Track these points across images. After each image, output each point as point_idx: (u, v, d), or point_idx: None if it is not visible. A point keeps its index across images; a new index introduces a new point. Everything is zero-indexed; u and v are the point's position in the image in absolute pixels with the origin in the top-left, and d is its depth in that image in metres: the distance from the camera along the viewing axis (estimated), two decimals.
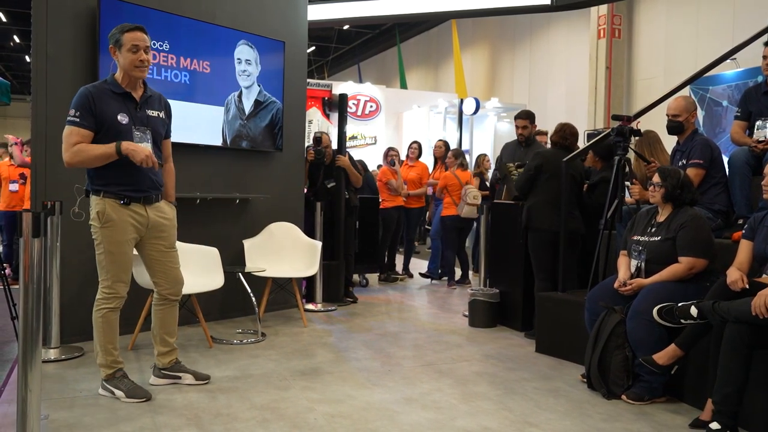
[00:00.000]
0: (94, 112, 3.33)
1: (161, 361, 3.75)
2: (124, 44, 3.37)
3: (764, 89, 4.57)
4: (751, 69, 9.02)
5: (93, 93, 3.36)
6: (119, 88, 3.44)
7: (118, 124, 3.38)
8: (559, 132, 5.17)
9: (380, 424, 3.21)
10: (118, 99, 3.42)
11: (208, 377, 3.81)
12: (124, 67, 3.42)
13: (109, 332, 3.49)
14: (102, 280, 3.47)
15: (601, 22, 12.77)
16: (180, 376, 3.75)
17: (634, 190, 4.42)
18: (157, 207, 3.57)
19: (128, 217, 3.43)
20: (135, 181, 3.44)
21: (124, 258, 3.46)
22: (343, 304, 6.37)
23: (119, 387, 3.47)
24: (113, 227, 3.39)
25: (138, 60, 3.38)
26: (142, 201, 3.48)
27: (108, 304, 3.46)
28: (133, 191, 3.44)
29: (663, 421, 3.34)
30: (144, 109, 3.51)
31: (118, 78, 3.46)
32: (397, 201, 7.95)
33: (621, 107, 12.53)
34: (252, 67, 5.53)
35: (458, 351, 4.69)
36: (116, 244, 3.41)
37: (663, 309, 3.44)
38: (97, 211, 3.39)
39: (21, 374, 2.41)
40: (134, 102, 3.48)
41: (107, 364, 3.50)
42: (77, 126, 3.32)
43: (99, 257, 3.44)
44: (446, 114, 14.14)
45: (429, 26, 20.26)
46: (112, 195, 3.39)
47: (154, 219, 3.54)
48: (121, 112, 3.40)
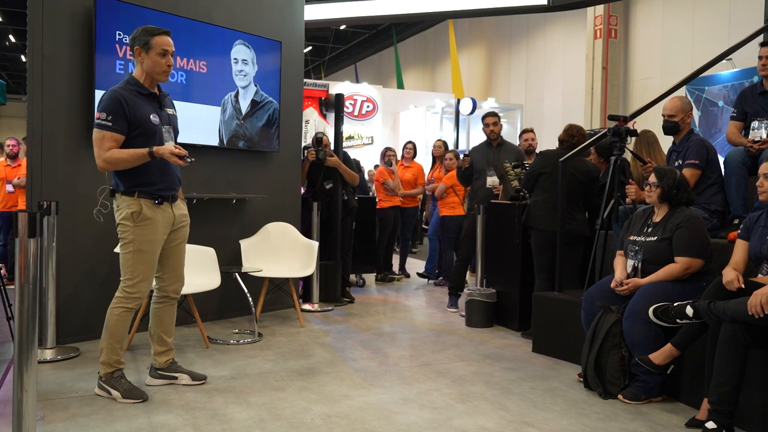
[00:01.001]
0: (128, 116, 3.34)
1: (158, 361, 3.74)
2: (153, 47, 3.41)
3: (760, 90, 4.59)
4: (747, 69, 9.05)
5: (124, 96, 3.36)
6: (145, 89, 3.46)
7: (151, 124, 3.42)
8: (567, 131, 5.19)
9: (377, 424, 3.21)
10: (146, 100, 3.46)
11: (204, 377, 3.80)
12: (149, 70, 3.44)
13: (120, 331, 3.49)
14: (125, 279, 3.46)
15: (598, 22, 12.78)
16: (176, 377, 3.74)
17: (630, 190, 4.43)
18: (177, 204, 3.64)
19: (160, 216, 3.47)
20: (166, 179, 3.50)
21: (152, 257, 3.49)
22: (340, 304, 6.37)
23: (116, 387, 3.47)
24: (148, 226, 3.42)
25: (166, 65, 3.44)
26: (170, 200, 3.55)
27: (127, 304, 3.46)
28: (165, 190, 3.50)
29: (659, 421, 3.35)
30: (164, 108, 3.58)
31: (139, 78, 3.46)
32: (394, 201, 7.96)
33: (617, 107, 12.55)
34: (249, 67, 5.53)
35: (455, 351, 4.69)
36: (148, 243, 3.44)
37: (659, 309, 3.44)
38: (131, 212, 3.39)
39: (17, 375, 2.41)
40: (158, 101, 3.54)
41: (110, 363, 3.48)
42: (110, 131, 3.32)
43: (125, 256, 3.44)
44: (443, 114, 14.15)
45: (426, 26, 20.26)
46: (147, 195, 3.42)
47: (177, 216, 3.61)
48: (152, 113, 3.45)
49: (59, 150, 4.53)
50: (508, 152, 6.16)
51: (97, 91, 4.58)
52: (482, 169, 6.08)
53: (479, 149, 6.31)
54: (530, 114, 14.72)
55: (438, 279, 8.00)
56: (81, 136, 4.61)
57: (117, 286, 4.65)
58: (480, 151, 6.24)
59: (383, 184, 7.94)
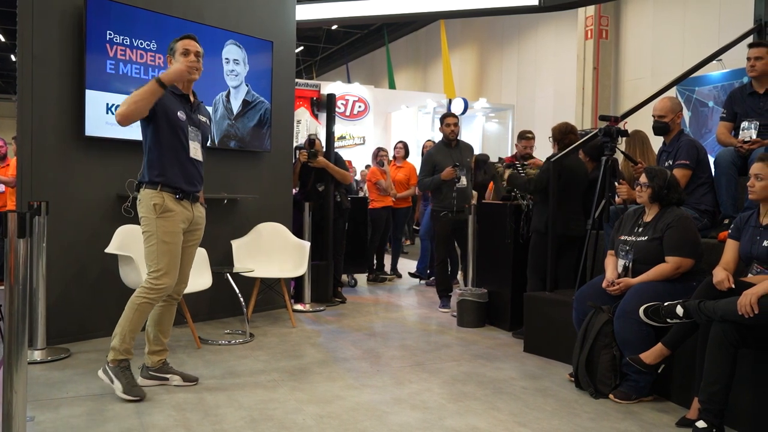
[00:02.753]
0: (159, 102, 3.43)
1: (151, 360, 3.73)
2: (177, 50, 3.55)
3: (749, 90, 4.61)
4: (737, 70, 9.10)
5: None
6: (178, 90, 3.60)
7: (177, 119, 3.53)
8: (561, 130, 5.18)
9: (369, 424, 3.21)
10: (178, 99, 3.59)
11: (196, 379, 3.79)
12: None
13: (138, 322, 3.51)
14: (151, 271, 3.50)
15: (589, 23, 12.84)
16: (168, 378, 3.73)
17: (622, 189, 4.44)
18: (197, 206, 3.71)
19: (180, 211, 3.55)
20: (188, 175, 3.58)
21: (175, 249, 3.54)
22: (332, 304, 6.36)
23: (119, 377, 3.47)
24: (170, 218, 3.49)
25: (188, 62, 3.51)
26: (191, 198, 3.62)
27: (149, 295, 3.49)
28: (186, 185, 3.57)
29: (650, 420, 3.36)
30: (196, 113, 3.71)
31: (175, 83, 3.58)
32: (386, 201, 7.96)
33: (608, 108, 12.60)
34: (240, 66, 5.52)
35: (447, 351, 4.70)
36: (170, 234, 3.50)
37: (649, 308, 3.45)
38: (153, 203, 3.47)
39: (6, 376, 2.39)
40: (190, 105, 3.67)
41: (120, 350, 3.49)
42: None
43: (150, 248, 3.49)
44: (435, 114, 14.16)
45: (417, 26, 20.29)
46: (170, 189, 3.50)
47: (195, 217, 3.68)
48: (180, 110, 3.57)
49: (49, 150, 4.50)
50: (466, 150, 6.21)
51: (88, 91, 4.57)
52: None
53: (441, 150, 6.22)
54: (521, 114, 14.77)
55: (429, 279, 8.01)
56: (71, 136, 4.59)
57: (107, 286, 4.68)
58: (442, 152, 6.17)
59: (375, 185, 7.94)
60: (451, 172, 5.86)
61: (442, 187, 6.05)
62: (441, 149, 6.24)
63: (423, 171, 6.24)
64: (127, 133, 4.79)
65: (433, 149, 6.50)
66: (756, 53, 4.52)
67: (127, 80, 4.79)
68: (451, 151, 6.13)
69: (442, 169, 6.01)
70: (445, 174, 5.89)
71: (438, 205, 6.14)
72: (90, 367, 4.06)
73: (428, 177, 6.12)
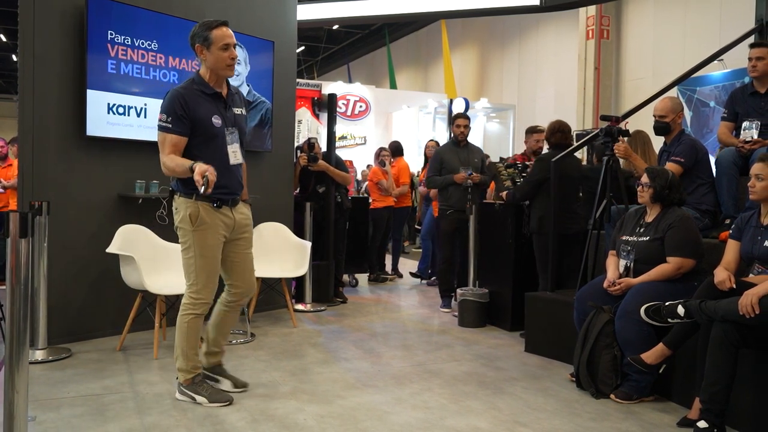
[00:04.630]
0: (187, 116, 3.22)
1: (207, 360, 3.59)
2: (214, 42, 3.28)
3: (750, 90, 4.61)
4: (738, 70, 9.09)
5: (184, 95, 3.24)
6: (209, 88, 3.33)
7: (212, 127, 3.29)
8: (558, 130, 5.18)
9: (370, 424, 3.21)
10: (209, 100, 3.32)
11: (246, 385, 3.63)
12: (213, 66, 3.32)
13: (193, 338, 3.40)
14: (190, 284, 3.36)
15: (590, 23, 12.82)
16: (219, 380, 3.58)
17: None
18: (239, 208, 3.48)
19: (219, 220, 3.34)
20: (227, 183, 3.34)
21: (214, 262, 3.37)
22: (333, 304, 6.36)
23: (200, 392, 3.40)
24: (206, 230, 3.29)
25: (229, 58, 3.30)
26: (230, 203, 3.40)
27: (195, 310, 3.37)
28: (225, 193, 3.35)
29: (651, 420, 3.36)
30: (231, 108, 3.43)
31: (204, 76, 3.34)
32: (387, 201, 7.95)
33: (609, 108, 12.58)
34: (241, 66, 5.52)
35: (448, 351, 4.70)
36: (208, 248, 3.32)
37: (650, 308, 3.45)
38: (189, 213, 3.28)
39: (8, 376, 2.40)
40: (223, 102, 3.39)
41: (187, 369, 3.41)
42: (170, 132, 3.21)
43: (188, 261, 3.33)
44: (436, 114, 14.17)
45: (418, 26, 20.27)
46: (205, 198, 3.25)
47: (239, 220, 3.45)
48: (214, 115, 3.30)
49: (50, 150, 4.51)
50: (474, 152, 6.23)
51: (89, 91, 4.57)
52: (456, 169, 6.01)
53: (449, 149, 6.25)
54: (522, 114, 14.75)
55: (431, 279, 8.01)
56: (72, 136, 4.60)
57: (108, 286, 4.69)
58: (451, 151, 6.20)
59: (377, 184, 7.94)
60: (464, 177, 5.91)
61: (448, 187, 6.09)
62: (449, 148, 6.28)
63: (431, 169, 6.28)
64: (128, 133, 4.82)
65: (441, 148, 6.55)
66: (757, 53, 4.52)
67: (128, 80, 4.80)
68: (459, 151, 6.16)
69: (449, 167, 6.04)
70: (458, 178, 5.94)
71: (443, 204, 6.16)
72: (91, 366, 4.07)
73: (437, 175, 6.15)
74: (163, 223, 4.07)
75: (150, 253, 4.54)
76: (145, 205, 4.90)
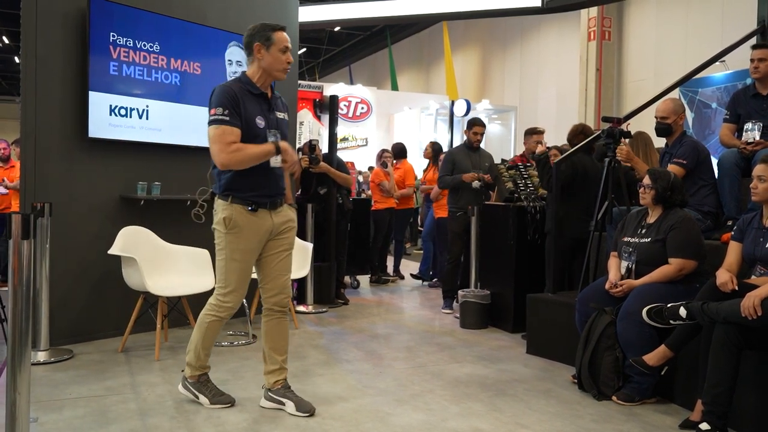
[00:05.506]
0: (240, 112, 3.17)
1: (268, 381, 3.43)
2: (275, 43, 3.25)
3: (752, 92, 4.60)
4: (740, 71, 9.08)
5: (235, 90, 3.19)
6: (256, 88, 3.28)
7: (255, 127, 3.22)
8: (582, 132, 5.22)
9: (371, 426, 3.21)
10: (255, 100, 3.27)
11: (311, 410, 3.34)
12: (268, 67, 3.27)
13: (209, 339, 3.37)
14: (219, 287, 3.31)
15: (592, 24, 12.83)
16: (284, 402, 3.37)
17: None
18: (280, 212, 3.38)
19: (254, 224, 3.25)
20: (265, 185, 3.27)
21: (246, 267, 3.29)
22: (335, 305, 6.36)
23: (203, 392, 3.39)
24: (239, 234, 3.23)
25: (286, 62, 3.28)
26: (269, 206, 3.30)
27: (219, 313, 3.32)
28: (262, 196, 3.26)
29: (653, 422, 3.35)
30: (274, 111, 3.38)
31: (252, 77, 3.29)
32: (389, 202, 7.96)
33: (611, 109, 12.58)
34: (243, 68, 5.51)
35: (449, 352, 4.69)
36: (240, 252, 3.25)
37: (652, 310, 3.45)
38: (223, 217, 3.22)
39: (10, 377, 2.40)
40: (267, 103, 3.34)
41: (196, 366, 3.39)
42: (229, 125, 3.12)
43: (219, 263, 3.29)
44: (437, 116, 14.18)
45: (420, 28, 20.28)
46: (241, 201, 3.21)
47: (278, 224, 3.35)
48: (259, 115, 3.25)
49: (53, 151, 4.51)
50: (485, 156, 6.33)
51: (91, 93, 4.58)
52: (467, 171, 6.06)
53: (461, 152, 6.34)
54: (524, 116, 14.75)
55: (432, 280, 8.01)
56: (74, 138, 4.61)
57: (110, 288, 4.69)
58: (463, 154, 6.29)
59: (379, 186, 7.94)
60: (472, 177, 6.00)
61: (459, 188, 6.15)
62: (462, 151, 6.37)
63: (443, 169, 6.33)
64: (130, 134, 4.83)
65: (454, 150, 6.66)
66: (759, 54, 4.51)
67: (130, 82, 4.80)
68: (471, 155, 6.24)
69: (461, 169, 6.12)
70: (467, 177, 6.03)
71: (453, 206, 6.22)
72: (93, 368, 4.07)
73: (449, 176, 6.21)
74: (198, 221, 4.05)
75: (152, 255, 4.54)
76: (147, 206, 4.91)
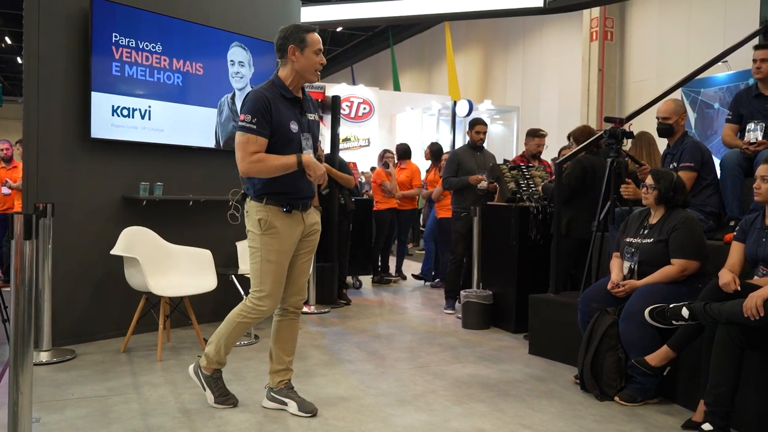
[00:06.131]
0: (271, 120, 3.15)
1: (272, 380, 3.45)
2: (310, 45, 3.20)
3: (755, 92, 4.60)
4: (743, 71, 9.07)
5: (269, 98, 3.16)
6: (289, 92, 3.25)
7: (290, 132, 3.21)
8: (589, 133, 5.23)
9: (373, 426, 3.21)
10: (288, 104, 3.25)
11: (313, 410, 3.36)
12: (302, 69, 3.23)
13: (235, 338, 3.36)
14: (254, 290, 3.27)
15: (594, 24, 12.80)
16: (286, 403, 3.39)
17: (628, 190, 4.42)
18: (310, 213, 3.39)
19: (289, 226, 3.25)
20: (300, 188, 3.27)
21: (281, 269, 3.27)
22: (337, 306, 6.37)
23: (212, 387, 3.39)
24: (275, 236, 3.21)
25: (319, 63, 3.25)
26: (301, 208, 3.30)
27: (250, 315, 3.29)
28: (296, 198, 3.27)
29: (655, 423, 3.35)
30: (306, 114, 3.35)
31: (285, 79, 3.25)
32: (390, 203, 7.96)
33: (613, 109, 12.56)
34: (245, 68, 5.52)
35: (452, 353, 4.69)
36: (276, 253, 3.23)
37: (655, 310, 3.45)
38: (258, 218, 3.21)
39: (12, 377, 2.40)
40: (300, 106, 3.32)
41: (214, 360, 3.37)
42: (254, 134, 3.11)
43: (254, 266, 3.26)
44: (439, 116, 14.16)
45: (422, 28, 20.26)
46: (275, 202, 3.21)
47: (309, 225, 3.37)
48: (292, 120, 3.23)
49: (55, 152, 4.52)
50: (489, 157, 6.37)
51: (94, 93, 4.59)
52: (472, 171, 6.10)
53: (466, 152, 6.37)
54: (526, 116, 14.73)
55: (434, 281, 8.00)
56: (77, 138, 4.62)
57: (113, 288, 4.70)
58: (467, 154, 6.31)
59: (380, 186, 7.94)
60: (478, 179, 6.05)
61: (464, 189, 6.17)
62: (466, 151, 6.39)
63: (447, 170, 6.34)
64: (132, 135, 4.84)
65: (459, 150, 6.69)
66: (762, 55, 4.51)
67: (132, 82, 4.81)
68: (476, 155, 6.28)
69: (466, 170, 6.16)
70: (473, 179, 6.08)
71: (458, 206, 6.23)
72: (95, 368, 4.08)
73: (453, 177, 6.23)
74: (234, 222, 4.03)
75: (154, 255, 4.54)
76: (149, 206, 4.91)
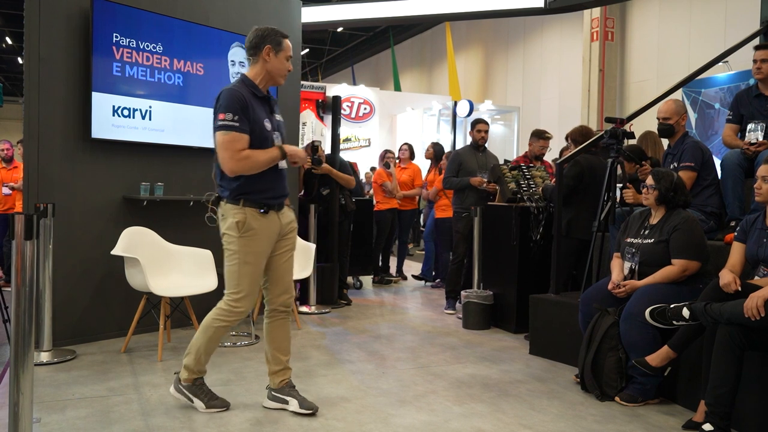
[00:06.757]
0: (249, 117, 3.16)
1: (273, 381, 3.46)
2: (284, 50, 3.29)
3: (755, 92, 4.60)
4: (743, 72, 9.07)
5: (245, 96, 3.18)
6: (260, 91, 3.29)
7: (264, 130, 3.23)
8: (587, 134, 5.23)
9: (374, 427, 3.21)
10: (261, 103, 3.29)
11: (313, 408, 3.37)
12: (273, 70, 3.30)
13: (213, 344, 3.33)
14: (230, 292, 3.26)
15: (594, 24, 12.81)
16: (287, 401, 3.40)
17: (628, 194, 4.43)
18: (284, 213, 3.40)
19: (266, 226, 3.26)
20: (275, 187, 3.29)
21: (257, 270, 3.29)
22: (337, 306, 6.37)
23: (198, 395, 3.35)
24: (253, 237, 3.22)
25: (287, 70, 3.34)
26: (276, 208, 3.32)
27: (227, 318, 3.27)
28: (272, 198, 3.29)
29: (656, 423, 3.35)
30: (274, 113, 3.40)
31: (255, 78, 3.30)
32: (391, 203, 7.96)
33: (614, 109, 12.56)
34: (246, 69, 5.51)
35: (452, 353, 4.69)
36: (254, 255, 3.24)
37: (655, 310, 3.45)
38: (236, 221, 3.19)
39: (13, 377, 2.40)
40: (269, 106, 3.37)
41: (194, 369, 3.34)
42: (238, 131, 3.12)
43: (231, 268, 3.25)
44: (440, 116, 14.15)
45: (423, 29, 20.27)
46: (252, 203, 3.21)
47: (285, 225, 3.39)
48: (266, 118, 3.27)
49: (56, 152, 4.52)
50: (490, 157, 6.38)
51: (94, 93, 4.59)
52: (473, 172, 6.11)
53: (468, 152, 6.39)
54: (527, 116, 14.74)
55: (435, 281, 8.00)
56: (77, 139, 4.62)
57: (113, 288, 4.70)
58: (469, 155, 6.33)
59: (381, 186, 7.94)
60: (480, 181, 6.06)
61: (465, 189, 6.19)
62: (468, 152, 6.41)
63: (449, 170, 6.35)
64: (133, 135, 4.84)
65: (460, 150, 6.71)
66: (762, 55, 4.50)
67: (133, 82, 4.81)
68: (477, 156, 6.29)
69: (467, 170, 6.16)
70: (474, 181, 6.09)
71: (459, 206, 6.24)
72: (96, 368, 4.08)
73: (454, 177, 6.24)
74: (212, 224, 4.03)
75: (154, 255, 4.55)
76: (150, 207, 4.92)
